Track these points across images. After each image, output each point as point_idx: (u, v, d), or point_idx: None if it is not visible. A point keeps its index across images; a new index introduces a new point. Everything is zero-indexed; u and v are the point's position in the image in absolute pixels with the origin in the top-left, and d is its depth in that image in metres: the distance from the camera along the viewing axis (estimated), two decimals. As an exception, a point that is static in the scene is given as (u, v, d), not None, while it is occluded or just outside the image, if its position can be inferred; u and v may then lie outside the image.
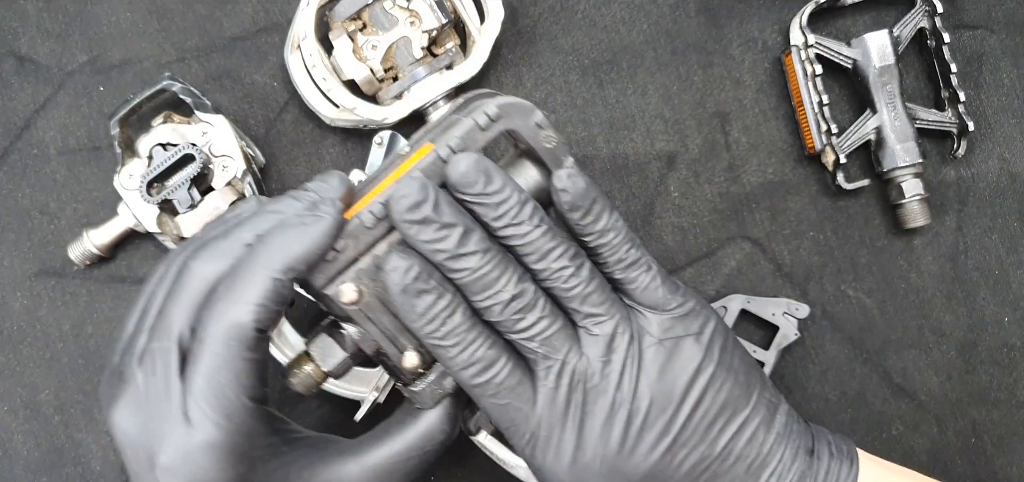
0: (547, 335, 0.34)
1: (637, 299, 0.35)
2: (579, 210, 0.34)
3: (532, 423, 0.35)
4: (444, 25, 0.50)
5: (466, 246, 0.33)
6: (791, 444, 0.37)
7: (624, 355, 0.35)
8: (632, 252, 0.35)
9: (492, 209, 0.33)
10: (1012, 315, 0.54)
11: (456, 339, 0.33)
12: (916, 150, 0.51)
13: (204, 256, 0.34)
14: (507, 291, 0.33)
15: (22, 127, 0.52)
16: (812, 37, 0.52)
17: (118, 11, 0.53)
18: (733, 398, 0.36)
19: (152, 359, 0.33)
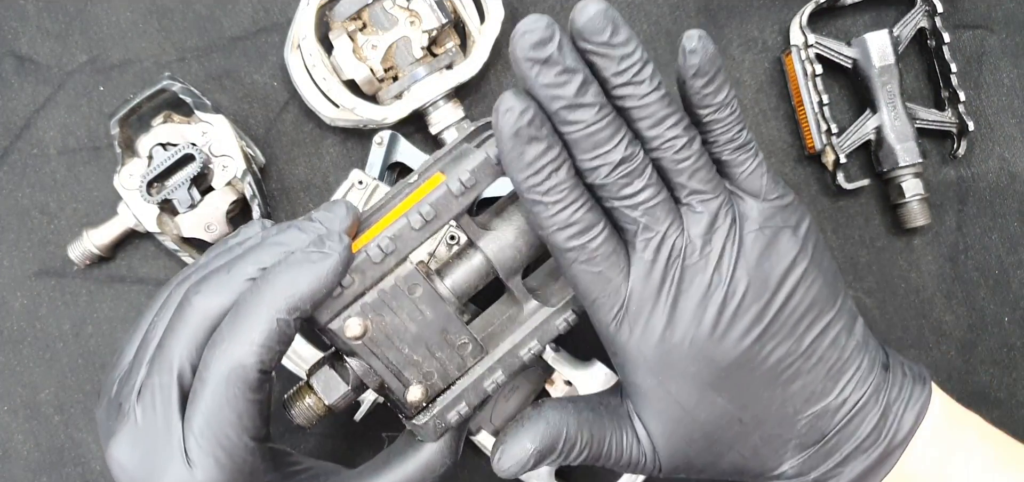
0: (651, 204, 0.33)
1: (741, 184, 0.34)
2: (705, 76, 0.33)
3: (623, 295, 0.34)
4: (444, 25, 0.50)
5: (585, 96, 0.31)
6: (869, 354, 0.37)
7: (725, 237, 0.34)
8: (743, 134, 0.34)
9: (615, 62, 0.32)
10: (1012, 315, 0.54)
11: (559, 196, 0.32)
12: (916, 150, 0.51)
13: (206, 290, 0.33)
14: (618, 152, 0.32)
15: (22, 127, 0.52)
16: (812, 37, 0.52)
17: (118, 11, 0.53)
18: (821, 298, 0.35)
19: (152, 394, 0.32)
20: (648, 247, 0.33)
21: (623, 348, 0.35)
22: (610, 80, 0.32)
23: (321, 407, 0.36)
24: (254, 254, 0.34)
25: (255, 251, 0.34)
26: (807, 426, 0.36)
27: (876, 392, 0.36)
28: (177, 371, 0.32)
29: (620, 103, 0.32)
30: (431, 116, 0.50)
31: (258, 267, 0.33)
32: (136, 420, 0.32)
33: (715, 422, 0.36)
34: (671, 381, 0.35)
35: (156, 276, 0.52)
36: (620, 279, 0.34)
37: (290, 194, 0.52)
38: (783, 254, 0.34)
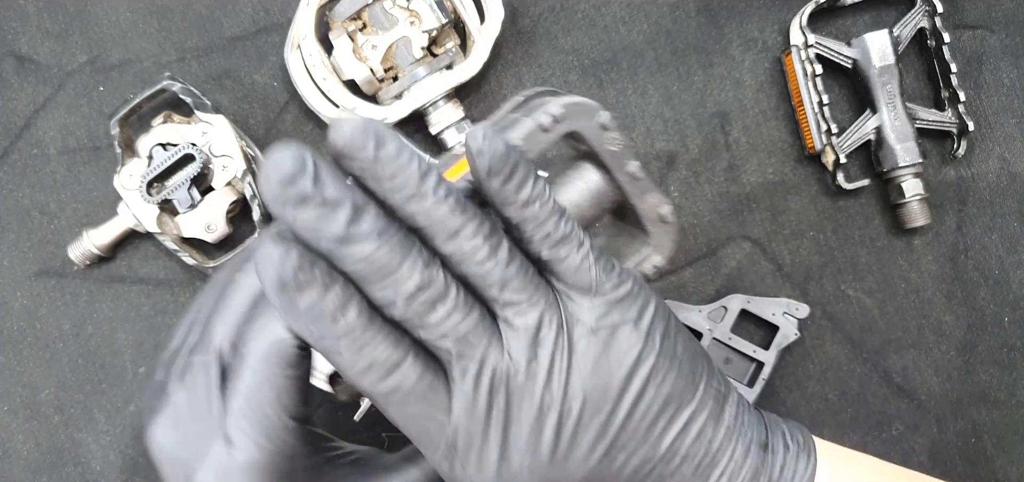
0: (462, 331, 0.29)
1: (567, 281, 0.31)
2: (498, 176, 0.29)
3: (448, 433, 0.30)
4: (444, 25, 0.50)
5: (358, 226, 0.27)
6: (742, 438, 0.33)
7: (552, 349, 0.30)
8: (561, 226, 0.30)
9: (387, 180, 0.28)
10: (1012, 315, 0.54)
11: (350, 341, 0.28)
12: (916, 150, 0.51)
13: (248, 268, 0.32)
14: (412, 280, 0.28)
15: (22, 127, 0.52)
16: (812, 37, 0.52)
17: (118, 11, 0.53)
18: (677, 391, 0.32)
19: (193, 374, 0.32)
20: (466, 377, 0.29)
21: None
22: (388, 200, 0.28)
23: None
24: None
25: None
26: None
27: (755, 478, 0.33)
28: (217, 350, 0.31)
29: (408, 222, 0.28)
30: (431, 116, 0.50)
31: None
32: (177, 401, 0.32)
33: None
34: None
35: (156, 276, 0.52)
36: (442, 415, 0.30)
37: (290, 194, 0.52)
38: (624, 354, 0.31)
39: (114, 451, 0.51)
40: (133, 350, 0.51)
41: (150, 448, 0.32)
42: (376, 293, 0.28)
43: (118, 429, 0.51)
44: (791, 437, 0.35)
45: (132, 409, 0.51)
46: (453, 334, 0.29)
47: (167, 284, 0.51)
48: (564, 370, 0.30)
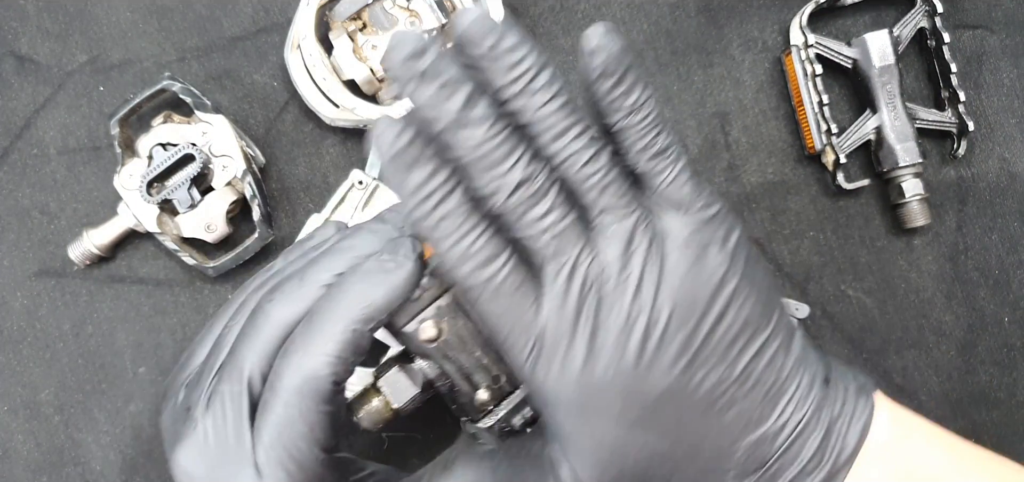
0: (559, 230, 0.29)
1: (661, 195, 0.31)
2: (611, 77, 0.29)
3: (535, 331, 0.30)
4: (444, 25, 0.50)
5: (471, 111, 0.28)
6: (808, 370, 0.33)
7: (644, 257, 0.30)
8: (661, 138, 0.30)
9: (504, 71, 0.28)
10: (1012, 315, 0.54)
11: (452, 226, 0.29)
12: (916, 150, 0.51)
13: (279, 298, 0.33)
14: (515, 173, 0.28)
15: (22, 127, 0.52)
16: (812, 37, 0.52)
17: (118, 11, 0.53)
18: (755, 316, 0.32)
19: (222, 403, 0.32)
20: (559, 277, 0.30)
21: (541, 388, 0.32)
22: (501, 92, 0.29)
23: (388, 410, 0.36)
24: (327, 260, 0.33)
25: (328, 257, 0.33)
26: (746, 455, 0.33)
27: (818, 411, 0.33)
28: (248, 380, 0.32)
29: (516, 116, 0.29)
30: (431, 116, 0.50)
31: (332, 273, 0.32)
32: (205, 428, 0.32)
33: (646, 461, 0.32)
34: (595, 421, 0.32)
35: (156, 276, 0.52)
36: (532, 314, 0.30)
37: (290, 194, 0.52)
38: (711, 272, 0.31)
39: (114, 451, 0.51)
40: (133, 350, 0.51)
41: (175, 472, 0.32)
42: (481, 183, 0.29)
43: (118, 429, 0.51)
44: (852, 377, 0.35)
45: (133, 409, 0.51)
46: (550, 232, 0.29)
47: (167, 284, 0.51)
48: (654, 280, 0.30)
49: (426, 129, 0.28)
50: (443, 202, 0.28)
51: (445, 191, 0.28)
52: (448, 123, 0.28)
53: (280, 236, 0.52)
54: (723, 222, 0.32)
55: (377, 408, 0.36)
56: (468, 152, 0.28)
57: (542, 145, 0.29)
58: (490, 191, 0.29)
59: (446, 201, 0.28)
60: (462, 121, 0.28)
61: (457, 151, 0.28)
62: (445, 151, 0.29)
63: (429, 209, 0.29)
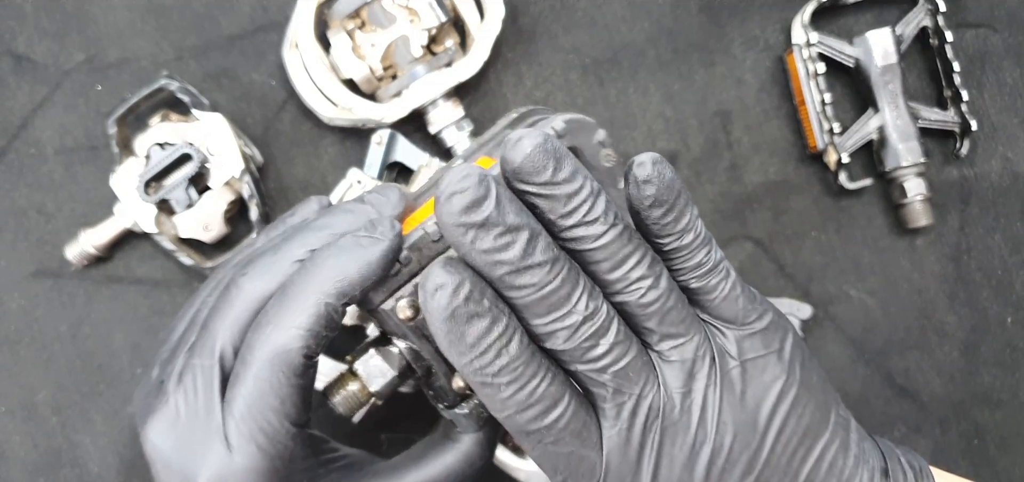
0: (622, 366, 0.28)
1: (714, 311, 0.30)
2: (663, 206, 0.28)
3: (598, 473, 0.29)
4: (443, 23, 0.49)
5: (533, 255, 0.26)
6: (867, 466, 0.33)
7: (705, 382, 0.29)
8: (712, 255, 0.30)
9: (562, 203, 0.27)
10: (1015, 316, 0.53)
11: (512, 375, 0.27)
12: (919, 149, 0.51)
13: (252, 272, 0.32)
14: (578, 311, 0.27)
15: (19, 126, 0.52)
16: (814, 36, 0.51)
17: (115, 10, 0.52)
18: (814, 422, 0.31)
19: (193, 377, 0.32)
20: (622, 413, 0.29)
21: None
22: (558, 223, 0.27)
23: (364, 394, 0.35)
24: (302, 236, 0.33)
25: (303, 233, 0.33)
26: None
27: None
28: (219, 353, 0.31)
29: (572, 246, 0.28)
30: (430, 115, 0.50)
31: (306, 249, 0.32)
32: (176, 402, 0.31)
33: None
34: None
35: (153, 276, 0.51)
36: (594, 454, 0.29)
37: (288, 194, 0.52)
38: (769, 386, 0.30)
39: (111, 453, 0.50)
40: (130, 351, 0.51)
41: (145, 447, 0.32)
42: (541, 324, 0.28)
43: (115, 430, 0.50)
44: (907, 464, 0.35)
45: (130, 410, 0.51)
46: (613, 368, 0.28)
47: (164, 284, 0.51)
48: (717, 404, 0.30)
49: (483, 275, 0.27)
50: (502, 352, 0.27)
51: (504, 342, 0.27)
52: (509, 270, 0.27)
53: (278, 236, 0.51)
54: (778, 330, 0.31)
55: (353, 393, 0.35)
56: (529, 295, 0.27)
57: (599, 273, 0.28)
58: (552, 330, 0.28)
59: (505, 352, 0.27)
60: (523, 267, 0.27)
61: (517, 295, 0.27)
62: (501, 295, 0.27)
63: (489, 360, 0.27)
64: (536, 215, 0.28)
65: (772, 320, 0.31)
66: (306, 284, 0.31)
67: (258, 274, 0.32)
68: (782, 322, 0.32)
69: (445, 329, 0.27)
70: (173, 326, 0.35)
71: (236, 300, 0.32)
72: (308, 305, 0.30)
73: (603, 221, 0.28)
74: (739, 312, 0.30)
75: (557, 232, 0.28)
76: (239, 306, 0.32)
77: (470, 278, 0.26)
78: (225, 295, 0.33)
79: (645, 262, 0.28)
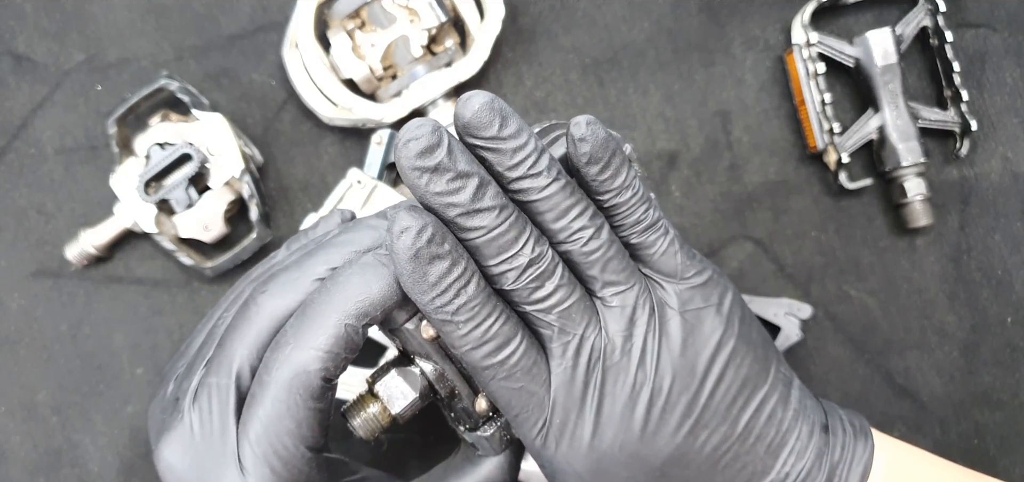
0: (566, 306, 0.30)
1: (654, 266, 0.32)
2: (598, 163, 0.31)
3: (546, 408, 0.31)
4: (443, 23, 0.49)
5: (482, 200, 0.29)
6: (807, 420, 0.34)
7: (645, 329, 0.31)
8: (650, 213, 0.32)
9: (508, 156, 0.29)
10: (1015, 316, 0.53)
11: (470, 313, 0.29)
12: (919, 149, 0.51)
13: (272, 289, 0.32)
14: (525, 254, 0.29)
15: (19, 126, 0.52)
16: (814, 36, 0.51)
17: (115, 10, 0.52)
18: (753, 374, 0.33)
19: (209, 395, 0.31)
20: (567, 352, 0.31)
21: (551, 461, 0.32)
22: (505, 175, 0.30)
23: (386, 417, 0.34)
24: (324, 252, 0.32)
25: (325, 249, 0.33)
26: None
27: (819, 458, 0.34)
28: (236, 372, 0.31)
29: (520, 198, 0.30)
30: (430, 115, 0.50)
31: (328, 267, 0.32)
32: (190, 421, 0.31)
33: None
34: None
35: (153, 276, 0.51)
36: (543, 391, 0.31)
37: (288, 193, 0.52)
38: (708, 336, 0.32)
39: (111, 452, 0.50)
40: (130, 351, 0.51)
41: (158, 466, 0.31)
42: (492, 265, 0.30)
43: (115, 430, 0.50)
44: (848, 422, 0.36)
45: (130, 410, 0.51)
46: (558, 309, 0.30)
47: (164, 284, 0.51)
48: (656, 350, 0.32)
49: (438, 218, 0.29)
50: (461, 291, 0.29)
51: (463, 282, 0.29)
52: (461, 212, 0.29)
53: (278, 236, 0.51)
54: (716, 287, 0.33)
55: (374, 415, 0.34)
56: (480, 236, 0.29)
57: (545, 223, 0.31)
58: (501, 271, 0.30)
59: (463, 291, 0.29)
60: (473, 209, 0.29)
61: (469, 235, 0.29)
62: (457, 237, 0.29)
63: (449, 300, 0.29)
64: (487, 168, 0.30)
65: (711, 277, 0.33)
66: (326, 304, 0.30)
67: (278, 291, 0.32)
68: (721, 280, 0.34)
69: (409, 269, 0.29)
70: (190, 339, 0.35)
71: (255, 318, 0.32)
72: (328, 326, 0.30)
73: (546, 174, 0.30)
74: (678, 267, 0.32)
75: (506, 184, 0.30)
76: (258, 324, 0.31)
77: (433, 222, 0.28)
78: (243, 312, 0.32)
79: (586, 214, 0.31)
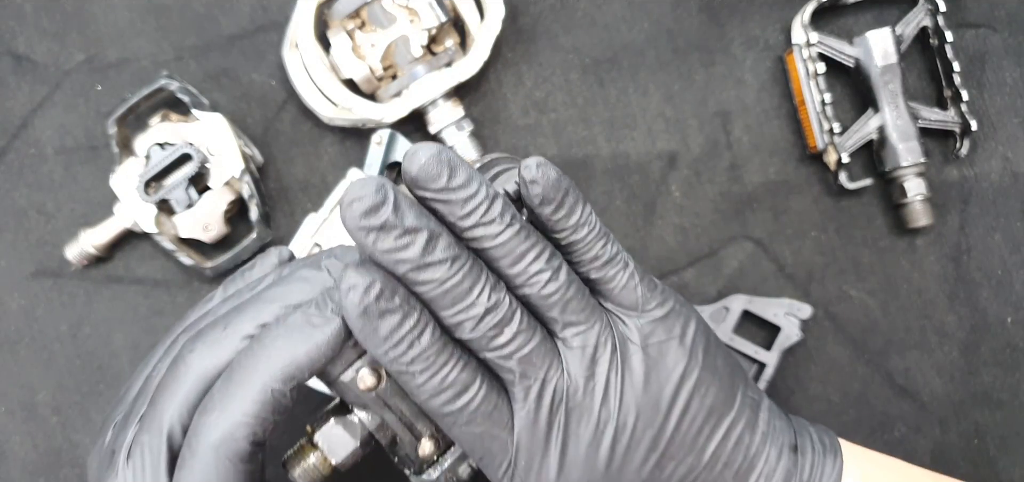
0: (526, 351, 0.30)
1: (615, 300, 0.33)
2: (551, 204, 0.31)
3: (510, 451, 0.31)
4: (443, 23, 0.49)
5: (432, 254, 0.29)
6: (775, 443, 0.35)
7: (608, 367, 0.32)
8: (608, 248, 0.32)
9: (458, 206, 0.29)
10: (1015, 316, 0.53)
11: (425, 363, 0.29)
12: (919, 149, 0.51)
13: (200, 348, 0.31)
14: (480, 303, 0.29)
15: (19, 126, 0.52)
16: (814, 36, 0.51)
17: (116, 10, 0.52)
18: (719, 402, 0.33)
19: (141, 454, 0.31)
20: (529, 396, 0.31)
21: None
22: (458, 225, 0.30)
23: (326, 467, 0.34)
24: (254, 308, 0.32)
25: (256, 304, 0.32)
26: None
27: (788, 479, 0.34)
28: (167, 433, 0.31)
29: (474, 245, 0.30)
30: (430, 115, 0.50)
31: (256, 324, 0.31)
32: (124, 478, 0.31)
33: None
34: None
35: (153, 276, 0.51)
36: (505, 434, 0.31)
37: (288, 194, 0.52)
38: (671, 369, 0.32)
39: (111, 452, 0.50)
40: (130, 351, 0.51)
41: None
42: (447, 316, 0.30)
43: (115, 430, 0.50)
44: (818, 439, 0.36)
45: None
46: (517, 355, 0.30)
47: (164, 284, 0.51)
48: (618, 387, 0.32)
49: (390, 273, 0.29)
50: (415, 343, 0.29)
51: (416, 333, 0.29)
52: (410, 268, 0.29)
53: (278, 236, 0.51)
54: (678, 318, 0.33)
55: (314, 465, 0.33)
56: (433, 289, 0.29)
57: (502, 269, 0.31)
58: (458, 321, 0.30)
59: (417, 342, 0.29)
60: (423, 264, 0.29)
61: (422, 289, 0.29)
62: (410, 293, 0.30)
63: (402, 351, 0.29)
64: (440, 218, 0.30)
65: (673, 308, 0.33)
66: (252, 368, 0.30)
67: (206, 351, 0.31)
68: (684, 310, 0.34)
69: (359, 325, 0.29)
70: (128, 385, 0.34)
71: (183, 377, 0.31)
72: (253, 391, 0.30)
73: (499, 222, 0.30)
74: (639, 300, 0.32)
75: (459, 233, 0.30)
76: (186, 384, 0.31)
77: (381, 278, 0.29)
78: (173, 370, 0.32)
79: (543, 257, 0.31)
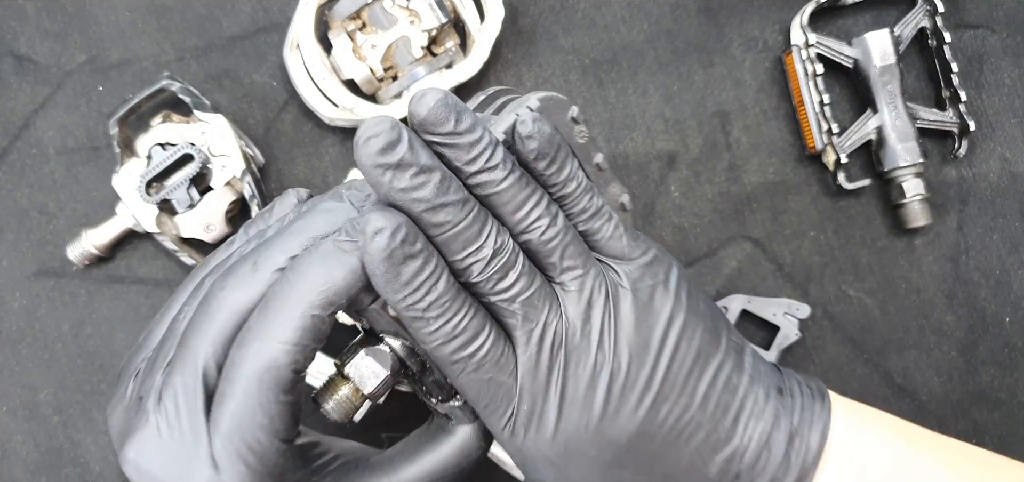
0: (528, 294, 0.31)
1: (603, 250, 0.34)
2: (545, 158, 0.32)
3: (513, 397, 0.32)
4: (444, 24, 0.50)
5: (447, 194, 0.29)
6: (762, 384, 0.35)
7: (602, 310, 0.32)
8: (594, 201, 0.33)
9: (465, 150, 0.30)
10: (1013, 315, 0.53)
11: (440, 310, 0.30)
12: (917, 150, 0.51)
13: (231, 284, 0.31)
14: (488, 246, 0.30)
15: (21, 127, 0.52)
16: (813, 36, 0.52)
17: (117, 11, 0.52)
18: (705, 344, 0.34)
19: (175, 395, 0.30)
20: (531, 339, 0.32)
21: (519, 449, 0.33)
22: (463, 170, 0.30)
23: (358, 397, 0.34)
24: (281, 240, 0.32)
25: (283, 237, 0.32)
26: (719, 472, 0.34)
27: (777, 419, 0.35)
28: (202, 371, 0.30)
29: (478, 191, 0.31)
30: (431, 116, 0.50)
31: (286, 256, 0.31)
32: (157, 422, 0.30)
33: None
34: (573, 470, 0.33)
35: (155, 276, 0.51)
36: (510, 380, 0.32)
37: (289, 194, 0.52)
38: (659, 313, 0.33)
39: (113, 452, 0.50)
40: (132, 350, 0.51)
41: (126, 469, 0.31)
42: (457, 259, 0.30)
43: (117, 430, 0.51)
44: (805, 384, 0.37)
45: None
46: (521, 298, 0.31)
47: (166, 284, 0.51)
48: (612, 330, 0.33)
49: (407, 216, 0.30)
50: (432, 289, 0.30)
51: (434, 279, 0.30)
52: (426, 207, 0.29)
53: (279, 236, 0.51)
54: (662, 264, 0.34)
55: (346, 396, 0.34)
56: (446, 231, 0.30)
57: (504, 216, 0.31)
58: (467, 264, 0.30)
59: (435, 288, 0.30)
60: (439, 204, 0.29)
61: (436, 231, 0.30)
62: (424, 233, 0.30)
63: (420, 297, 0.30)
64: (444, 163, 0.30)
65: (656, 255, 0.34)
66: (290, 295, 0.30)
67: (237, 285, 0.31)
68: (666, 258, 0.35)
69: (382, 269, 0.29)
70: (147, 334, 0.34)
71: (216, 313, 0.31)
72: (293, 318, 0.29)
73: (502, 167, 0.31)
74: (624, 249, 0.34)
75: (464, 178, 0.31)
76: (220, 320, 0.31)
77: (405, 222, 0.29)
78: (204, 308, 0.31)
79: (543, 204, 0.32)
